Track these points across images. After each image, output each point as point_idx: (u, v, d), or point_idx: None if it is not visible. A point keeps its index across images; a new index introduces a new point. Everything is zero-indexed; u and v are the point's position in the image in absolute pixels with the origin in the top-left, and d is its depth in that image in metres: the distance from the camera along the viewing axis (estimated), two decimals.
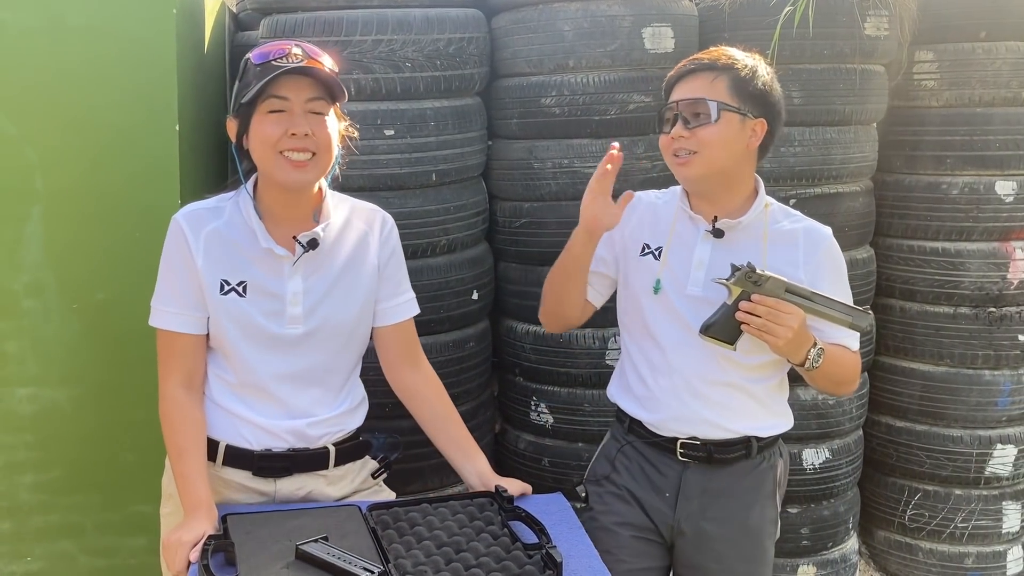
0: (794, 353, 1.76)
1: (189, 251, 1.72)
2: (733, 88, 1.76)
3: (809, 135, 2.76)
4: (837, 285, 1.86)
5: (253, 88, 1.62)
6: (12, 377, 2.35)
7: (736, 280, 1.73)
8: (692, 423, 1.87)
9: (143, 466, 2.32)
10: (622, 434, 1.99)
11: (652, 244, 1.90)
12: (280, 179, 1.68)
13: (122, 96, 2.28)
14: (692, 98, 1.77)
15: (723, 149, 1.77)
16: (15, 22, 2.22)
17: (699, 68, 1.79)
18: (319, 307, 1.76)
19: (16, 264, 2.30)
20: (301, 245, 1.72)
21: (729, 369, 1.84)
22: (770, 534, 1.95)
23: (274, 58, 1.63)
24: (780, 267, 1.80)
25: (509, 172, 2.80)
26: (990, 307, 2.95)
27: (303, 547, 1.50)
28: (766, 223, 1.85)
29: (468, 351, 2.71)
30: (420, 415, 1.94)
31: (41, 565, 2.44)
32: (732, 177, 1.82)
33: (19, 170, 2.27)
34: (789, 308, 1.71)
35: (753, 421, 1.89)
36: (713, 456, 1.88)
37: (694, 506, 1.89)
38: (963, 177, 2.95)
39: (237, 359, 1.75)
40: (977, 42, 2.90)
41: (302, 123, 1.65)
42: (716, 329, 1.76)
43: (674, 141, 1.78)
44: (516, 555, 1.56)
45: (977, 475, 2.99)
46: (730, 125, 1.76)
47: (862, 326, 1.78)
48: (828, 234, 1.88)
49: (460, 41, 2.58)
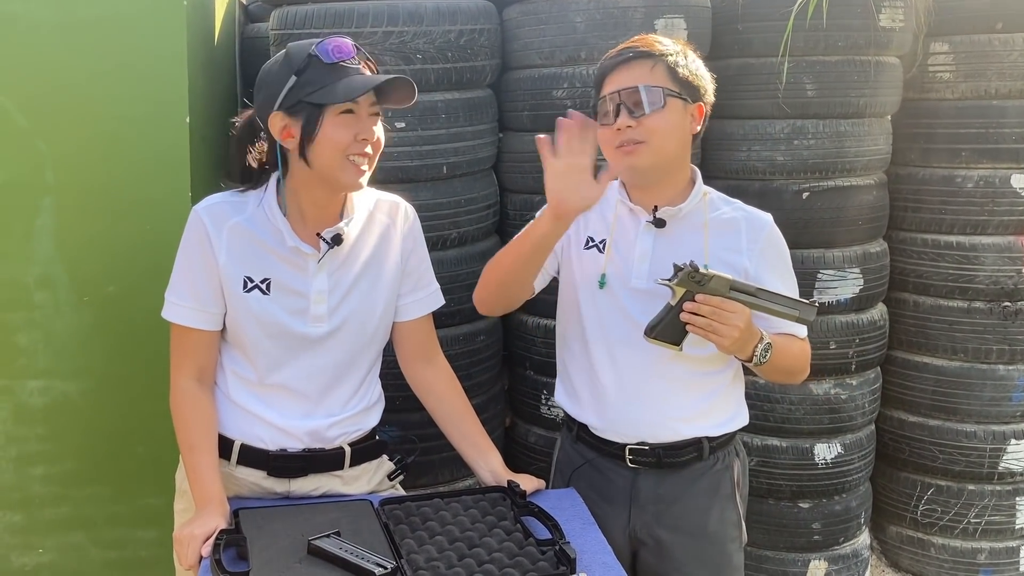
0: (741, 350, 1.71)
1: (210, 246, 1.69)
2: (671, 74, 1.73)
3: (823, 127, 2.73)
4: (781, 271, 1.83)
5: (329, 89, 1.58)
6: (24, 370, 2.35)
7: (679, 280, 1.68)
8: (638, 425, 1.83)
9: (154, 459, 2.32)
10: (571, 444, 1.94)
11: (596, 237, 1.86)
12: (345, 182, 1.66)
13: (132, 88, 2.28)
14: (634, 86, 1.72)
15: (671, 136, 1.73)
16: (26, 15, 2.22)
17: (635, 56, 1.74)
18: (343, 305, 1.75)
19: (27, 257, 2.30)
20: (326, 242, 1.70)
21: (674, 364, 1.79)
22: (733, 538, 1.89)
23: (342, 59, 1.60)
24: (722, 255, 1.77)
25: (520, 165, 2.78)
26: (1005, 301, 2.92)
27: (315, 542, 1.50)
28: (706, 211, 1.82)
29: (479, 345, 2.70)
30: (434, 410, 1.92)
31: (52, 557, 2.44)
32: (674, 164, 1.79)
33: (30, 163, 2.27)
34: (734, 307, 1.66)
35: (703, 420, 1.84)
36: (663, 460, 1.83)
37: (648, 514, 1.85)
38: (978, 170, 2.92)
39: (257, 356, 1.73)
40: (993, 33, 2.87)
41: (369, 128, 1.64)
42: (661, 331, 1.71)
43: (620, 132, 1.72)
44: (529, 551, 1.56)
45: (991, 470, 2.97)
46: (675, 111, 1.73)
47: (808, 319, 1.74)
48: (769, 220, 1.84)
49: (471, 33, 2.56)
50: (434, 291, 1.91)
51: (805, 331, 1.83)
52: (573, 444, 1.93)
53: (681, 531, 1.84)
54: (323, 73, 1.60)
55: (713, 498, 1.86)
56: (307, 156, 1.63)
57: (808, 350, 1.87)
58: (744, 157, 2.79)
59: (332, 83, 1.59)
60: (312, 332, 1.73)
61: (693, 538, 1.85)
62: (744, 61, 2.78)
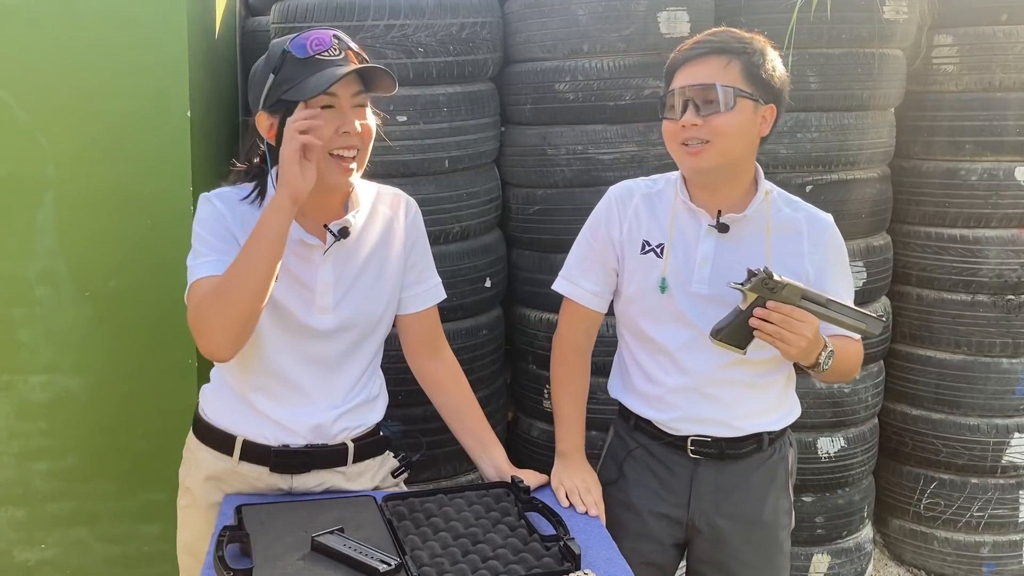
0: (806, 358, 1.71)
1: (226, 219, 1.66)
2: (746, 73, 1.67)
3: (826, 120, 2.72)
4: (841, 274, 1.83)
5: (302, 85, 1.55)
6: (26, 365, 2.35)
7: (752, 286, 1.66)
8: (703, 423, 1.83)
9: (157, 454, 2.32)
10: (627, 432, 1.93)
11: (652, 241, 1.83)
12: (330, 182, 1.63)
13: (133, 83, 2.27)
14: (705, 83, 1.66)
15: (738, 138, 1.69)
16: (26, 8, 2.21)
17: (710, 51, 1.68)
18: (348, 296, 1.74)
19: (29, 252, 2.30)
20: (332, 234, 1.69)
21: (737, 367, 1.80)
22: (784, 525, 1.92)
23: (318, 52, 1.57)
24: (785, 259, 1.76)
25: (522, 158, 2.78)
26: (1008, 295, 2.92)
27: (319, 538, 1.49)
28: (768, 214, 1.79)
29: (481, 339, 2.70)
30: (439, 404, 1.92)
31: (55, 552, 2.45)
32: (739, 166, 1.76)
33: (31, 158, 2.27)
34: (804, 316, 1.66)
35: (763, 417, 1.85)
36: (725, 452, 1.84)
37: (707, 503, 1.86)
38: (982, 163, 2.91)
39: (262, 345, 1.71)
40: (998, 25, 2.86)
41: (351, 120, 1.61)
42: (727, 334, 1.70)
43: (684, 129, 1.68)
44: (533, 547, 1.55)
45: (994, 464, 2.97)
46: (744, 112, 1.67)
47: (875, 332, 1.75)
48: (831, 222, 1.83)
49: (473, 26, 2.55)
50: (436, 284, 1.90)
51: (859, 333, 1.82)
52: (630, 432, 1.92)
53: (739, 519, 1.86)
54: (297, 69, 1.58)
55: (770, 487, 1.88)
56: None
57: (861, 351, 1.88)
58: None
59: (305, 78, 1.57)
60: (317, 323, 1.72)
61: (749, 526, 1.86)
62: None
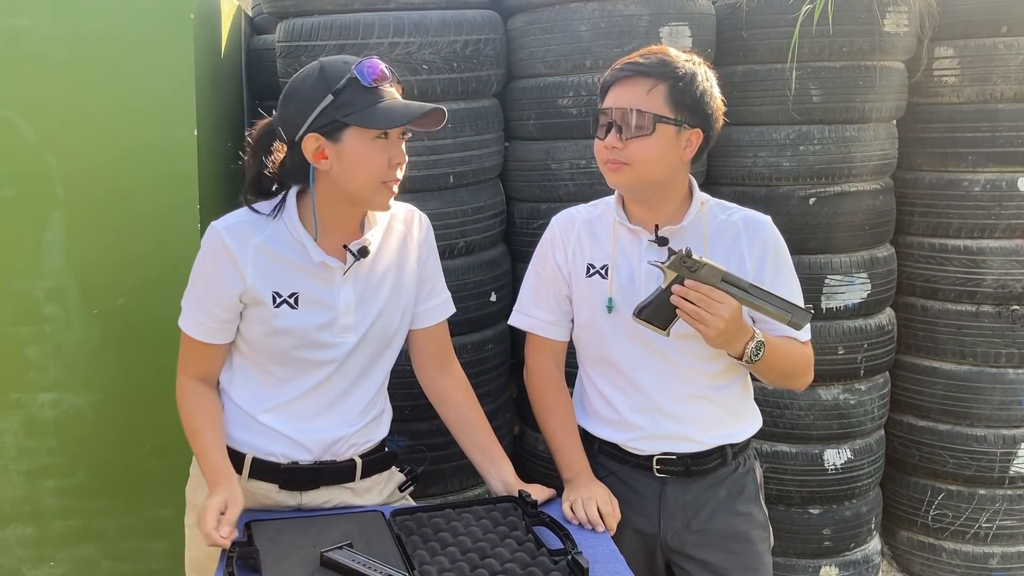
0: (729, 345, 1.70)
1: (234, 265, 1.68)
2: (670, 98, 1.68)
3: (828, 133, 2.74)
4: (783, 271, 1.82)
5: (368, 113, 1.58)
6: (34, 382, 2.36)
7: (671, 264, 1.68)
8: (665, 439, 1.83)
9: (165, 471, 2.33)
10: (592, 457, 1.92)
11: (596, 263, 1.84)
12: (376, 203, 1.69)
13: (141, 102, 2.29)
14: (627, 107, 1.69)
15: (656, 162, 1.71)
16: (35, 29, 2.23)
17: (636, 73, 1.70)
18: (368, 314, 1.75)
19: (37, 270, 2.31)
20: (352, 254, 1.71)
21: (693, 380, 1.80)
22: (762, 539, 1.90)
23: (381, 81, 1.60)
24: (727, 263, 1.74)
25: (526, 173, 2.79)
26: (1013, 305, 2.92)
27: (328, 554, 1.50)
28: (705, 222, 1.81)
29: (487, 353, 2.71)
30: (448, 418, 1.93)
31: (64, 570, 2.45)
32: (665, 186, 1.77)
33: (40, 177, 2.28)
34: (722, 297, 1.65)
35: (724, 429, 1.85)
36: (691, 469, 1.84)
37: (678, 521, 1.85)
38: (984, 174, 2.92)
39: (281, 369, 1.74)
40: (998, 37, 2.87)
41: (401, 152, 1.66)
42: (649, 312, 1.71)
43: (607, 150, 1.71)
44: (541, 561, 1.56)
45: (1001, 475, 2.96)
46: (664, 138, 1.69)
47: (801, 324, 1.71)
48: (768, 221, 1.83)
49: (476, 43, 2.57)
50: (447, 299, 1.92)
51: (807, 335, 1.82)
52: (595, 457, 1.92)
53: (711, 535, 1.85)
54: (360, 95, 1.59)
55: (739, 501, 1.87)
56: (340, 178, 1.64)
57: (809, 354, 1.85)
58: (750, 163, 2.79)
59: (370, 106, 1.59)
60: (341, 342, 1.73)
61: (724, 541, 1.86)
62: (749, 67, 2.79)
